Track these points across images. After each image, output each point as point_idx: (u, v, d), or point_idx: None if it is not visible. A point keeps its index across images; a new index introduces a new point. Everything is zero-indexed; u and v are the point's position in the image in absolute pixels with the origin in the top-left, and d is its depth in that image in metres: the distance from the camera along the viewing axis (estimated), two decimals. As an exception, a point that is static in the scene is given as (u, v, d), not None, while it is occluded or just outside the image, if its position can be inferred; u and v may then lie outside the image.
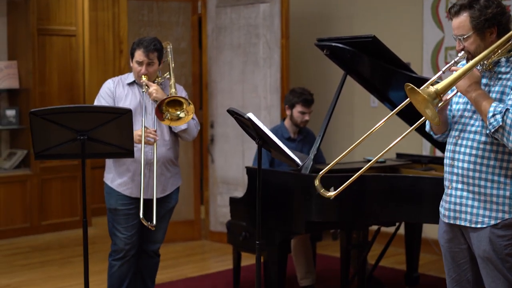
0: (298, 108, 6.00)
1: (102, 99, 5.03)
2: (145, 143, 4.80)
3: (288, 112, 6.05)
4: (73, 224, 8.59)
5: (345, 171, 5.16)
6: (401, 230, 6.17)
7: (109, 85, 5.07)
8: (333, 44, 4.95)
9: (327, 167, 3.90)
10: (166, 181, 5.07)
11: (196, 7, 8.02)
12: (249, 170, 5.43)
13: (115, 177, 5.03)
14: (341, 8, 8.09)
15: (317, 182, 3.82)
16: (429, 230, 6.72)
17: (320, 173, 3.86)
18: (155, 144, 4.86)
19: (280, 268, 5.20)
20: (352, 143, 7.88)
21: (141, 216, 4.75)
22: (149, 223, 4.76)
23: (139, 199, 4.95)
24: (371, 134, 3.86)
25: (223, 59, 7.86)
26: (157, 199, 5.03)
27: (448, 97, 3.65)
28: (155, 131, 4.86)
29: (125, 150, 4.47)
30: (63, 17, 8.55)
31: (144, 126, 4.82)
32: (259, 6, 7.49)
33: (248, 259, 6.48)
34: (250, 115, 3.80)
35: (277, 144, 3.79)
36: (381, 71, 5.05)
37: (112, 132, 4.40)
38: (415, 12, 7.44)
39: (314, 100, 6.16)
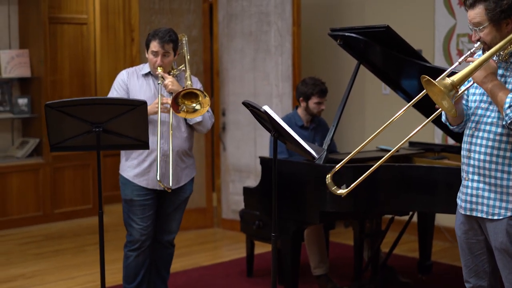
0: (314, 100, 5.99)
1: (114, 91, 5.04)
2: (162, 110, 4.81)
3: (303, 104, 6.03)
4: (86, 212, 8.63)
5: (358, 161, 5.15)
6: (414, 218, 6.17)
7: (122, 76, 5.07)
8: (347, 34, 4.95)
9: (339, 164, 3.89)
10: (180, 172, 5.08)
11: (207, -6, 8.02)
12: (263, 161, 5.43)
13: (131, 169, 5.04)
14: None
15: (328, 180, 3.83)
16: (442, 218, 6.72)
17: (332, 171, 3.86)
18: (170, 136, 4.87)
19: (294, 257, 5.22)
20: (363, 131, 7.90)
21: (158, 178, 4.75)
22: (166, 186, 4.80)
23: (155, 190, 4.98)
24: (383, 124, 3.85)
25: (234, 47, 7.85)
26: (171, 190, 5.05)
27: (464, 88, 3.65)
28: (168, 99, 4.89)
29: (140, 141, 4.48)
30: (74, 5, 8.55)
31: (161, 94, 4.85)
32: (271, -6, 7.48)
33: (261, 248, 6.50)
34: (266, 108, 3.79)
35: (293, 137, 3.78)
36: (394, 60, 5.03)
37: (127, 124, 4.41)
38: (427, -1, 7.42)
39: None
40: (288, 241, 5.18)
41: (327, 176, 3.82)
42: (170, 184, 4.82)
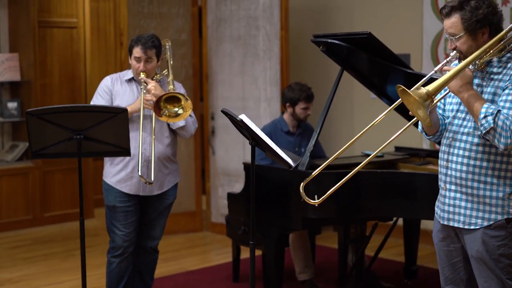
0: (300, 105, 6.01)
1: (99, 96, 5.06)
2: (145, 107, 4.85)
3: (290, 110, 6.04)
4: (75, 216, 8.59)
5: (342, 167, 5.17)
6: (400, 221, 6.19)
7: (106, 82, 5.09)
8: (329, 40, 4.95)
9: (313, 174, 3.89)
10: (163, 177, 5.09)
11: (196, -2, 8.03)
12: (246, 166, 5.45)
13: (114, 174, 5.05)
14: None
15: (301, 190, 3.84)
16: (429, 222, 6.72)
17: (305, 181, 3.87)
18: (153, 142, 4.88)
19: (278, 262, 5.24)
20: (352, 135, 7.88)
21: (139, 173, 4.76)
22: (147, 180, 4.81)
23: (137, 196, 4.99)
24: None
25: (223, 51, 7.86)
26: (155, 195, 5.07)
27: (440, 97, 3.66)
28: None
29: (121, 149, 4.49)
30: (63, 9, 8.56)
31: (143, 92, 4.89)
32: (259, -2, 7.49)
33: (247, 253, 6.50)
34: (243, 116, 3.80)
35: (269, 146, 3.79)
36: (377, 67, 5.05)
37: (108, 131, 4.42)
38: (415, 3, 7.42)
39: (314, 93, 6.16)
40: (272, 247, 5.20)
41: (300, 187, 3.82)
42: (154, 190, 4.84)
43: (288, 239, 5.86)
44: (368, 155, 5.80)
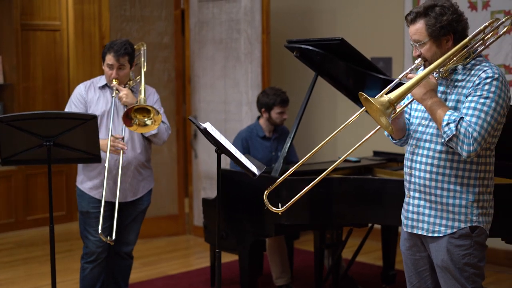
0: (276, 110, 6.00)
1: (72, 105, 5.03)
2: (112, 152, 4.80)
3: (265, 115, 6.03)
4: (58, 219, 8.58)
5: (317, 172, 5.14)
6: (379, 225, 6.17)
7: (80, 90, 5.07)
8: (303, 46, 4.95)
9: (276, 183, 3.87)
10: (137, 184, 5.08)
11: (178, 1, 8.01)
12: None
13: (87, 181, 5.05)
14: (323, 2, 8.06)
15: (265, 198, 3.83)
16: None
17: (268, 189, 3.86)
18: (121, 151, 4.86)
19: (252, 268, 5.22)
20: (335, 140, 7.85)
21: (99, 231, 4.75)
22: (108, 238, 4.82)
23: (110, 202, 4.97)
24: (334, 136, 3.88)
25: (205, 54, 7.85)
26: (128, 201, 5.06)
27: (403, 106, 3.65)
28: (123, 139, 4.86)
29: (91, 155, 4.49)
30: (46, 12, 8.55)
31: (111, 135, 4.82)
32: (241, 1, 7.45)
33: (226, 257, 6.50)
34: (207, 125, 3.81)
35: (233, 154, 3.78)
36: (350, 72, 5.04)
37: (78, 138, 4.43)
38: (397, 7, 7.41)
39: (293, 97, 6.16)
40: (246, 253, 5.19)
41: (264, 195, 3.81)
42: (117, 198, 4.81)
43: (265, 244, 5.85)
44: (346, 160, 5.79)
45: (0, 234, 8.18)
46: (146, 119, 4.79)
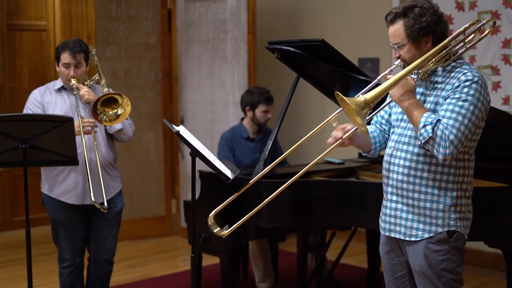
0: (261, 108, 5.95)
1: (29, 110, 4.91)
2: (84, 133, 4.66)
3: (249, 114, 5.99)
4: (45, 221, 8.50)
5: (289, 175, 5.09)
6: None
7: (35, 95, 4.97)
8: (284, 47, 4.90)
9: (222, 204, 3.86)
10: (107, 184, 4.93)
11: (165, 1, 7.95)
12: (201, 174, 5.38)
13: (55, 187, 4.93)
14: (311, 2, 8.01)
15: (210, 221, 3.80)
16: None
17: (214, 211, 3.85)
18: (95, 148, 4.74)
19: (233, 272, 5.17)
20: (324, 135, 7.80)
21: (92, 199, 4.60)
22: (102, 206, 4.67)
23: (82, 206, 4.88)
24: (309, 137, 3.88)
25: (192, 54, 7.79)
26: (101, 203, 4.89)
27: (381, 107, 3.62)
28: (91, 120, 4.74)
29: (68, 157, 4.43)
30: (33, 12, 8.50)
31: (80, 116, 4.71)
32: (227, 1, 7.40)
33: (209, 259, 6.44)
34: (180, 128, 3.77)
35: (207, 158, 3.73)
36: (332, 74, 4.99)
37: (55, 140, 4.37)
38: (384, 7, 7.33)
39: (279, 98, 6.12)
40: (227, 256, 5.14)
41: (209, 216, 3.77)
42: (93, 198, 4.64)
43: (247, 247, 5.80)
44: (330, 162, 5.75)
45: (-13, 235, 8.15)
46: (116, 110, 4.69)
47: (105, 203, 4.70)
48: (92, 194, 4.62)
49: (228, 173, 3.76)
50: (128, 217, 7.46)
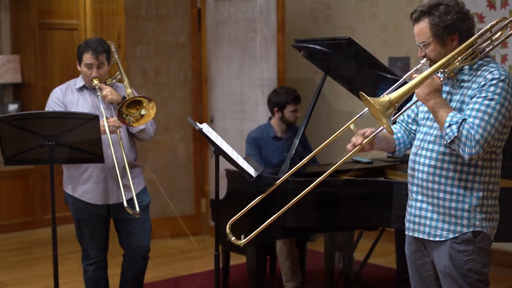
0: (289, 108, 5.93)
1: (50, 109, 4.88)
2: (110, 132, 4.64)
3: (278, 114, 5.96)
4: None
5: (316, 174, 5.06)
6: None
7: (56, 94, 4.93)
8: (310, 45, 4.87)
9: (240, 213, 3.88)
10: (129, 183, 4.91)
11: (195, 0, 7.95)
12: (228, 173, 5.38)
13: (78, 186, 4.91)
14: (341, 1, 7.95)
15: (227, 230, 3.77)
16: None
17: (231, 220, 3.83)
18: (121, 146, 4.73)
19: (259, 271, 5.15)
20: (351, 135, 7.76)
21: (125, 204, 4.57)
22: (134, 211, 4.62)
23: (105, 205, 4.88)
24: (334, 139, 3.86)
25: (221, 53, 7.79)
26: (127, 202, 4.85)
27: (408, 105, 3.58)
28: (116, 120, 4.71)
29: (94, 155, 4.44)
30: (64, 11, 8.56)
31: (106, 116, 4.69)
32: (256, 0, 7.38)
33: (237, 259, 6.43)
34: (204, 126, 3.74)
35: (230, 156, 3.71)
36: (359, 72, 4.95)
37: (80, 138, 4.38)
38: (415, 5, 7.27)
39: (310, 96, 6.08)
40: (253, 255, 5.12)
41: (227, 225, 3.77)
42: (125, 204, 4.61)
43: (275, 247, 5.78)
44: (358, 162, 5.71)
45: (17, 232, 8.19)
46: (141, 111, 4.67)
47: (136, 204, 4.65)
48: (124, 200, 4.60)
49: (251, 171, 3.73)
50: (157, 216, 7.48)
